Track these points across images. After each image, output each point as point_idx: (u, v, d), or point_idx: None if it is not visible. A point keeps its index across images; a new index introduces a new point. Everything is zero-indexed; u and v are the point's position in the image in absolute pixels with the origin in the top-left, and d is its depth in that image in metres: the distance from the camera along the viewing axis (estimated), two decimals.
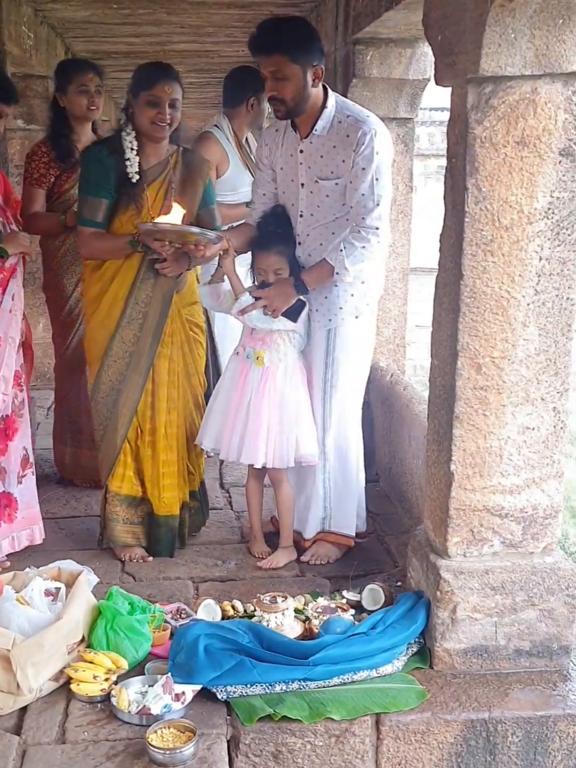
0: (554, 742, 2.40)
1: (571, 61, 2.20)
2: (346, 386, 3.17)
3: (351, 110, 2.95)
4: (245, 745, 2.29)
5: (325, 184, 2.99)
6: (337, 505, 3.26)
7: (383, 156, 2.89)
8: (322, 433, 3.18)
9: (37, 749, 2.21)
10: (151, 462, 3.21)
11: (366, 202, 2.89)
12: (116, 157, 3.04)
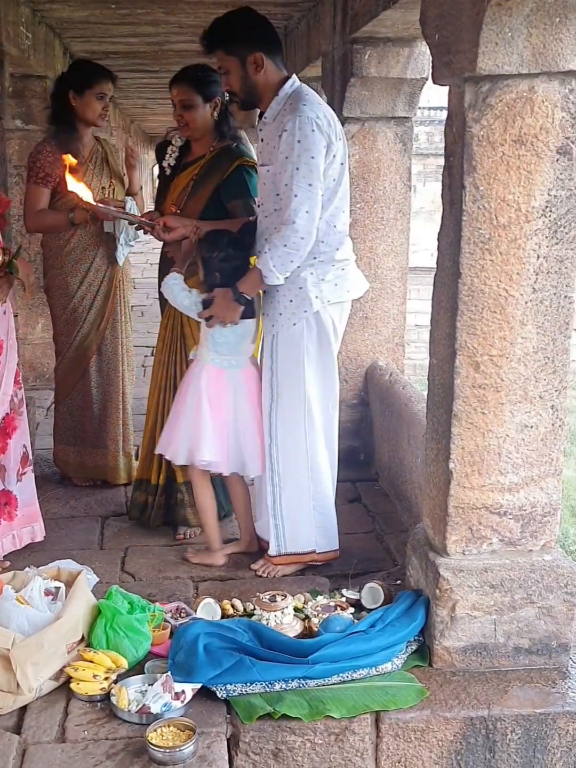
0: (553, 740, 2.41)
1: (568, 59, 2.20)
2: (290, 394, 3.03)
3: (301, 99, 2.84)
4: (245, 744, 2.30)
5: (261, 170, 3.01)
6: (288, 520, 3.12)
7: (307, 146, 2.75)
8: (269, 441, 3.09)
9: (37, 748, 2.21)
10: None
11: (287, 193, 2.81)
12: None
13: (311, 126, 2.76)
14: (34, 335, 5.62)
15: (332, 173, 2.88)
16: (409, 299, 4.77)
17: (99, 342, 3.91)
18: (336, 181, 2.90)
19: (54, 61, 5.78)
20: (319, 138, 2.78)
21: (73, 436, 4.00)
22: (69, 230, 3.76)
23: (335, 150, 2.86)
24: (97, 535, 3.51)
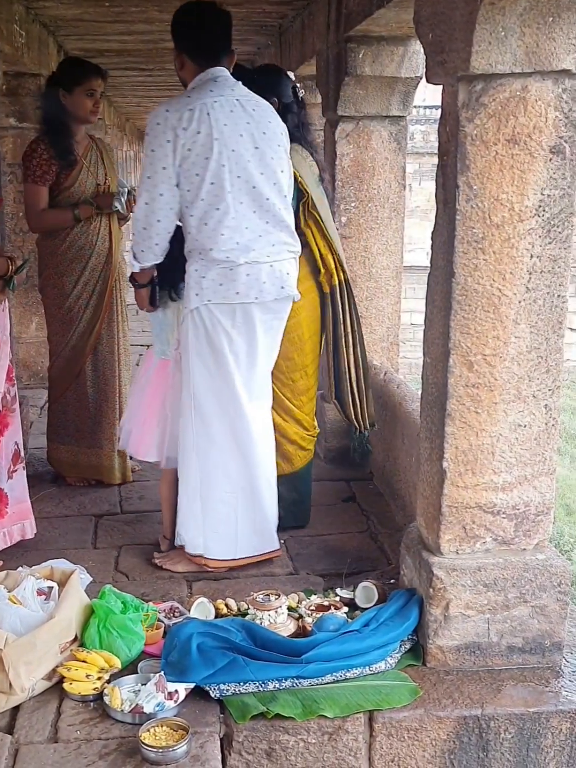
0: (547, 739, 2.41)
1: (561, 58, 2.20)
2: (181, 386, 3.03)
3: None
4: (238, 743, 2.30)
5: None
6: (180, 518, 3.12)
7: (149, 139, 2.81)
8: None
9: (30, 748, 2.20)
10: None
11: None
12: None
13: (156, 119, 2.81)
14: (28, 334, 5.61)
15: (193, 168, 2.80)
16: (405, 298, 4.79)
17: (95, 341, 3.90)
18: (200, 176, 2.80)
19: (48, 58, 5.77)
20: (161, 131, 2.78)
21: (68, 435, 3.99)
22: (69, 228, 3.76)
23: (187, 144, 2.78)
24: (90, 534, 3.51)
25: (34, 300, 5.18)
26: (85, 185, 3.78)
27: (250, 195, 2.87)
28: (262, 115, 2.93)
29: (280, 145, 2.95)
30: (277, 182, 2.92)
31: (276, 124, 2.97)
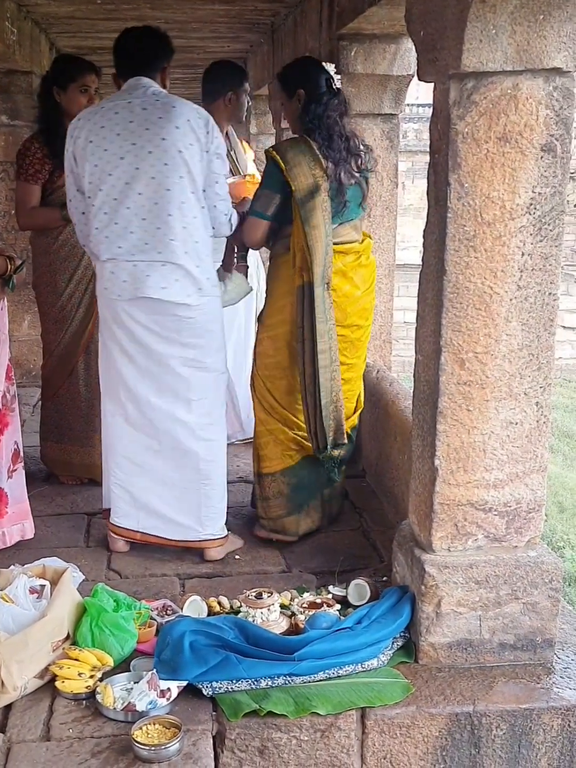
0: (538, 735, 2.42)
1: (552, 56, 2.21)
2: None
3: None
4: (231, 741, 2.30)
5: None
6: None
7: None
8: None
9: (22, 747, 2.20)
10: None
11: None
12: None
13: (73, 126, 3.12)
14: (20, 332, 5.59)
15: (81, 172, 3.07)
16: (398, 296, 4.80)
17: (87, 340, 3.89)
18: (85, 178, 3.05)
19: (40, 56, 5.76)
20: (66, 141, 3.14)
21: (60, 434, 3.98)
22: (61, 227, 3.75)
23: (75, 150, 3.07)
24: (83, 532, 3.50)
25: (27, 298, 5.18)
26: None
27: (125, 192, 2.97)
28: (153, 113, 2.95)
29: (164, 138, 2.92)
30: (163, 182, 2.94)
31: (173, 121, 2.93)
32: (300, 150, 3.12)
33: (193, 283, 3.02)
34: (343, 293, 3.22)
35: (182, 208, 2.97)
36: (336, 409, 3.18)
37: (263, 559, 3.25)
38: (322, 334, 3.12)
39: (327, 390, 3.15)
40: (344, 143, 3.17)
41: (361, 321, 3.35)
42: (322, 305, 3.11)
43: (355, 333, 3.33)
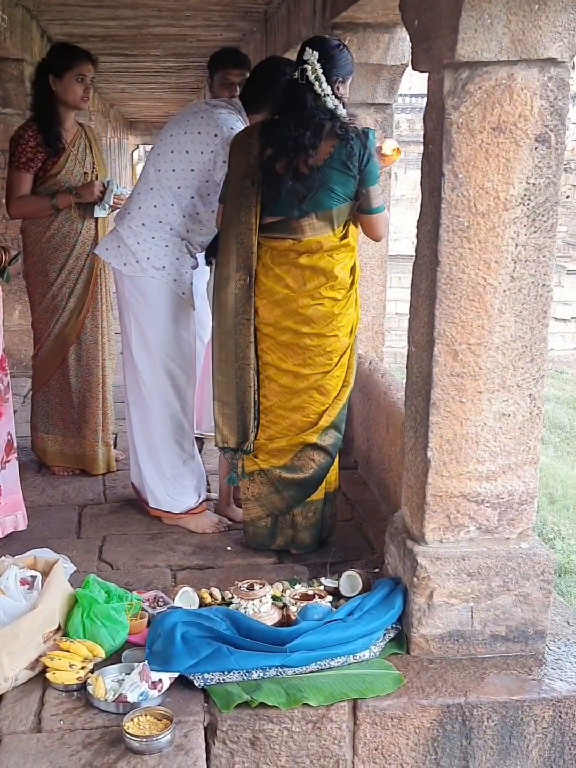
0: (529, 726, 2.42)
1: (547, 47, 2.20)
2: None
3: None
4: (222, 732, 2.30)
5: None
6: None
7: None
8: None
9: (13, 738, 2.20)
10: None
11: None
12: None
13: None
14: (11, 322, 5.56)
15: None
16: (390, 287, 4.78)
17: (79, 330, 3.88)
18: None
19: (31, 44, 5.71)
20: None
21: (52, 424, 3.97)
22: (51, 216, 3.73)
23: None
24: (74, 523, 3.49)
25: (18, 287, 5.14)
26: (72, 173, 3.75)
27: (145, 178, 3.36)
28: (184, 115, 3.37)
29: (171, 134, 3.29)
30: (154, 172, 3.30)
31: (189, 123, 3.28)
32: (245, 136, 3.04)
33: (132, 255, 3.30)
34: (266, 288, 3.01)
35: (152, 193, 3.27)
36: (242, 410, 3.07)
37: (255, 550, 3.25)
38: (221, 324, 3.06)
39: (218, 384, 3.09)
40: (298, 134, 2.89)
41: (299, 327, 3.00)
42: (229, 295, 3.02)
43: (294, 339, 3.03)
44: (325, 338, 3.03)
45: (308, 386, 3.07)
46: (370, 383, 3.83)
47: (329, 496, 3.25)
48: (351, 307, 3.07)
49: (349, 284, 3.04)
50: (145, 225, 3.28)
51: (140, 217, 3.29)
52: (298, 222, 2.94)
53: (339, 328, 3.04)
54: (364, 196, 2.94)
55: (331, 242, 2.96)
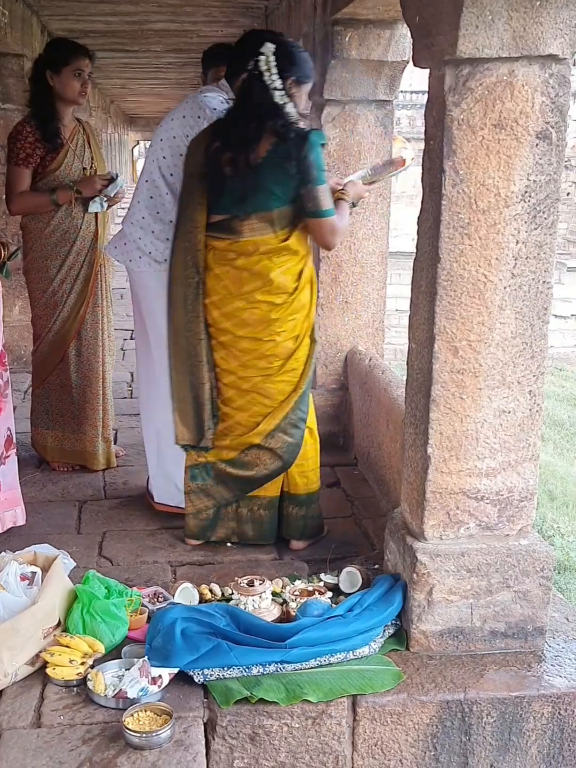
0: (528, 723, 2.43)
1: (548, 43, 2.19)
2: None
3: None
4: (222, 728, 2.30)
5: None
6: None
7: None
8: None
9: (13, 733, 2.20)
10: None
11: None
12: None
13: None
14: (11, 317, 5.56)
15: None
16: (390, 284, 4.78)
17: (79, 326, 3.88)
18: None
19: (31, 39, 5.71)
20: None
21: (51, 420, 3.97)
22: (52, 211, 3.73)
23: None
24: (74, 519, 3.50)
25: (18, 283, 5.13)
26: (71, 169, 3.75)
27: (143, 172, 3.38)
28: (176, 106, 3.37)
29: (162, 123, 3.33)
30: (149, 163, 3.34)
31: (177, 110, 3.32)
32: (201, 134, 3.05)
33: (137, 251, 3.32)
34: (209, 288, 3.02)
35: (148, 185, 3.29)
36: (197, 407, 3.09)
37: (255, 546, 3.25)
38: (173, 322, 3.09)
39: (174, 381, 3.11)
40: (240, 127, 2.85)
41: (235, 329, 3.00)
42: (179, 294, 3.04)
43: (232, 341, 3.03)
44: (261, 342, 3.01)
45: (250, 388, 3.07)
46: (370, 380, 3.83)
47: (301, 498, 3.22)
48: (297, 313, 3.00)
49: (292, 289, 2.97)
50: (144, 218, 3.29)
51: (140, 210, 3.30)
52: (239, 222, 2.91)
53: (278, 333, 3.00)
54: (304, 197, 2.86)
55: (269, 245, 2.91)
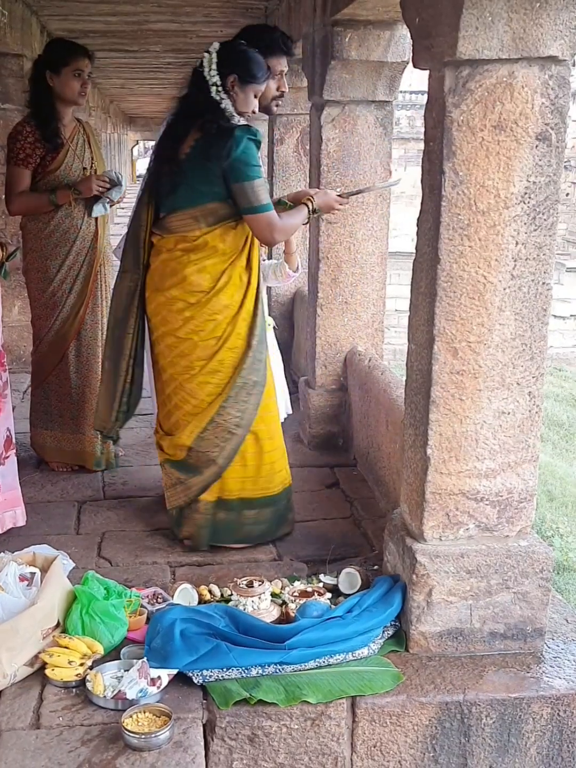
0: (528, 724, 2.43)
1: (548, 45, 2.19)
2: None
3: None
4: (221, 729, 2.30)
5: None
6: None
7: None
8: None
9: (11, 734, 2.20)
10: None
11: None
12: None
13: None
14: (10, 318, 5.56)
15: None
16: (390, 284, 4.78)
17: (78, 327, 3.88)
18: None
19: (31, 39, 5.70)
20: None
21: (50, 420, 3.97)
22: (52, 211, 3.73)
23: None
24: (73, 520, 3.49)
25: (18, 283, 5.14)
26: (71, 169, 3.75)
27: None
28: None
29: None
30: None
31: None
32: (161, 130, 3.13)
33: None
34: (146, 282, 3.09)
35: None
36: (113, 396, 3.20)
37: (254, 547, 3.25)
38: (111, 314, 3.21)
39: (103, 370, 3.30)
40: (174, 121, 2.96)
41: (160, 326, 3.08)
42: (123, 288, 3.12)
43: (160, 337, 3.10)
44: (181, 340, 3.03)
45: (178, 386, 3.10)
46: (369, 380, 3.83)
47: (233, 504, 3.18)
48: (218, 314, 2.99)
49: (208, 289, 2.97)
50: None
51: None
52: (167, 218, 2.97)
53: (196, 332, 3.00)
54: (236, 195, 2.86)
55: (186, 242, 2.93)
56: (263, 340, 3.10)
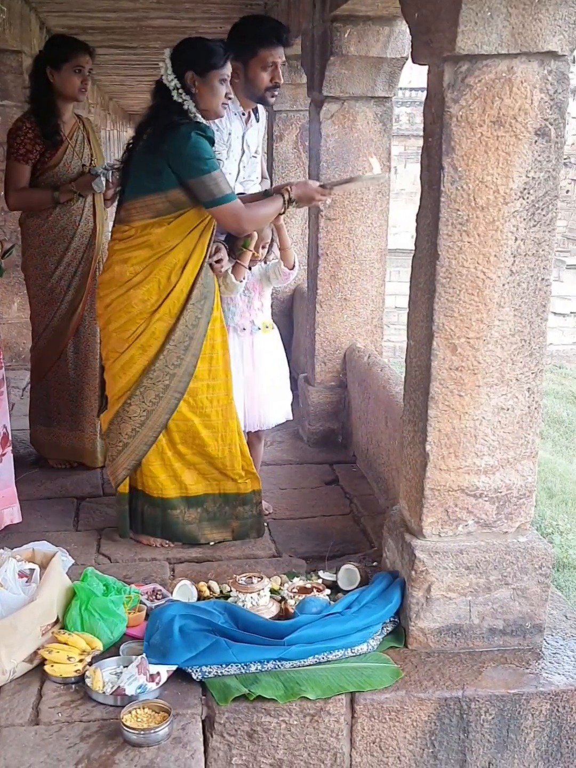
0: (527, 720, 2.43)
1: (547, 40, 2.19)
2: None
3: None
4: (220, 725, 2.30)
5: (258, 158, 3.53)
6: None
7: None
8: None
9: (11, 730, 2.20)
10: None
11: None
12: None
13: None
14: (9, 314, 5.56)
15: None
16: (389, 281, 4.78)
17: (77, 323, 3.87)
18: None
19: (30, 35, 5.69)
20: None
21: (49, 417, 3.97)
22: (51, 208, 3.72)
23: None
24: (72, 516, 3.49)
25: (17, 280, 5.13)
26: (70, 165, 3.74)
27: None
28: None
29: None
30: None
31: None
32: None
33: None
34: None
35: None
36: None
37: (253, 543, 3.25)
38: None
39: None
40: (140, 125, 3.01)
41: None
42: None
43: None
44: (101, 330, 3.19)
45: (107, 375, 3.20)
46: (369, 377, 3.83)
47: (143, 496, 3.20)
48: (133, 308, 2.98)
49: (124, 281, 2.97)
50: None
51: None
52: (119, 208, 3.04)
53: (110, 323, 3.04)
54: (195, 190, 2.85)
55: (120, 232, 2.99)
56: (190, 349, 3.01)
